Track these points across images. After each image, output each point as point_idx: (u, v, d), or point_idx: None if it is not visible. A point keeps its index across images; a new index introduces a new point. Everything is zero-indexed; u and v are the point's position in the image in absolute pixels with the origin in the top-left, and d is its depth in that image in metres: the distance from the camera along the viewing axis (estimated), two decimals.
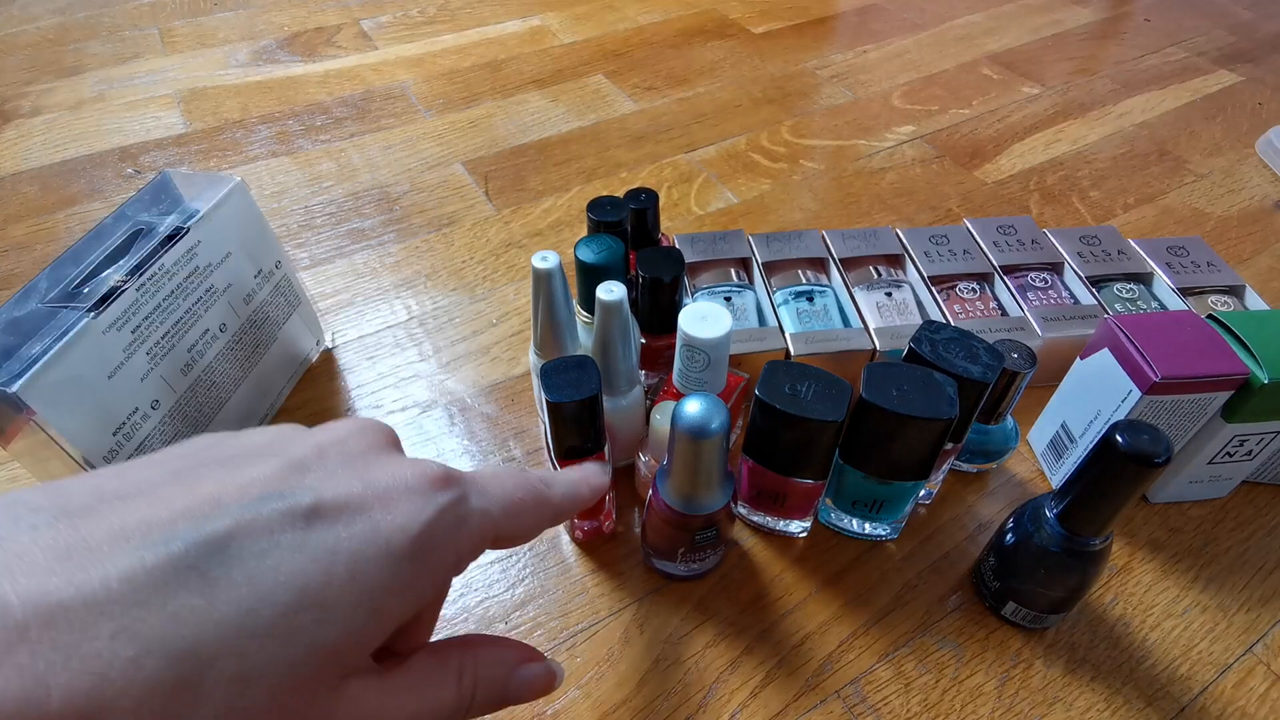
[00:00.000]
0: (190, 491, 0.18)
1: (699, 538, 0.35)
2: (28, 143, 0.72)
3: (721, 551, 0.38)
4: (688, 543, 0.36)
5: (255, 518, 0.18)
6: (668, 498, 0.34)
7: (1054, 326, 0.46)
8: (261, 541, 0.17)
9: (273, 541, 0.18)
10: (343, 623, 0.18)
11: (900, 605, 0.38)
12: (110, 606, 0.15)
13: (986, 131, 0.73)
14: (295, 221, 0.63)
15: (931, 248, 0.51)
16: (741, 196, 0.66)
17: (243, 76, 0.82)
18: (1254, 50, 0.86)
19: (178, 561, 0.16)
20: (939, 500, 0.43)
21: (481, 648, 0.24)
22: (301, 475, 0.19)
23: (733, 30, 0.90)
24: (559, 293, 0.37)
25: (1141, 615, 0.38)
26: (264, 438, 0.21)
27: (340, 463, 0.20)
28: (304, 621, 0.17)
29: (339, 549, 0.18)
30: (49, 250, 0.60)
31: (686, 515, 0.34)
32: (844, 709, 0.35)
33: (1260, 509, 0.42)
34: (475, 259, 0.59)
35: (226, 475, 0.19)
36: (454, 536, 0.21)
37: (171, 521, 0.17)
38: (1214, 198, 0.65)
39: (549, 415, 0.34)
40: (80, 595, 0.15)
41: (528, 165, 0.69)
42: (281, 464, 0.20)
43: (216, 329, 0.41)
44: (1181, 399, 0.36)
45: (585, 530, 0.40)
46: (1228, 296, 0.48)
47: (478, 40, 0.88)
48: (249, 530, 0.17)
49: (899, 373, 0.34)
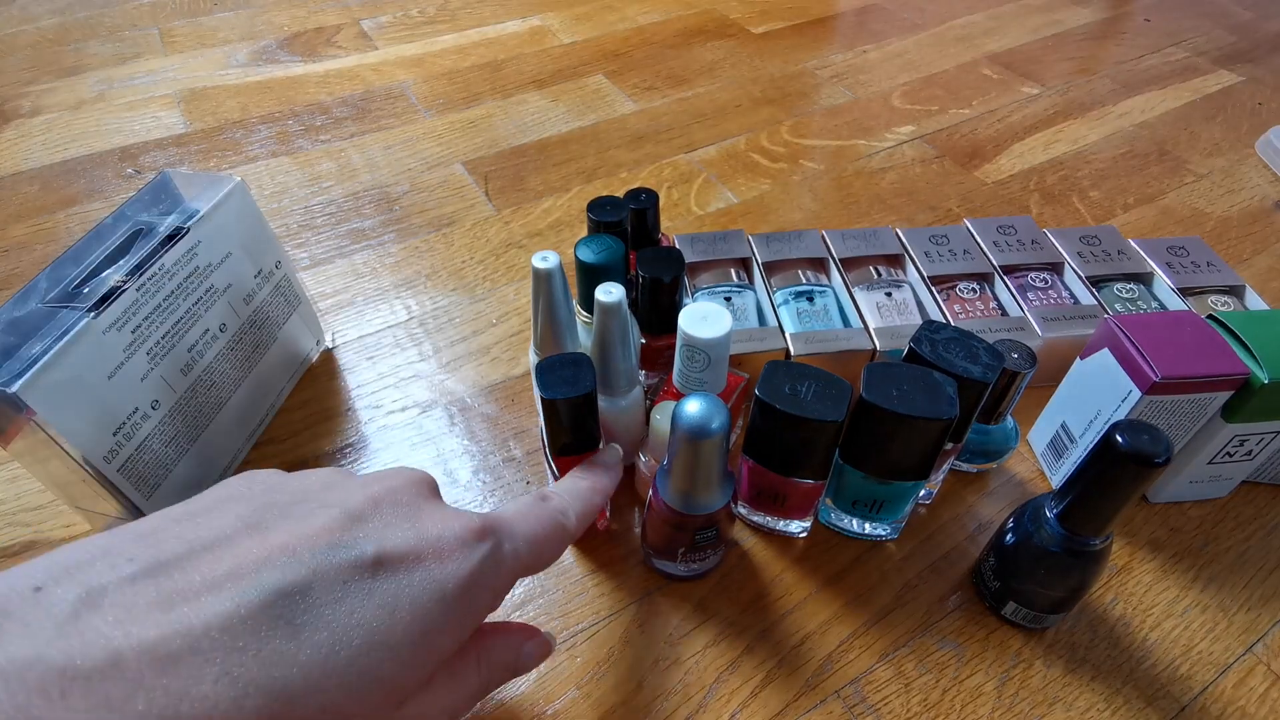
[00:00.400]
0: (265, 541, 0.20)
1: (699, 537, 0.35)
2: (28, 143, 0.72)
3: (722, 551, 0.38)
4: (688, 542, 0.36)
5: (328, 567, 0.20)
6: (668, 497, 0.34)
7: (1054, 326, 0.46)
8: (336, 590, 0.20)
9: (345, 589, 0.20)
10: (406, 661, 0.21)
11: (900, 605, 0.38)
12: (212, 653, 0.17)
13: (986, 131, 0.73)
14: (295, 221, 0.63)
15: (931, 248, 0.51)
16: (741, 196, 0.66)
17: (243, 76, 0.82)
18: (1254, 50, 0.86)
19: (266, 609, 0.19)
20: (939, 500, 0.43)
21: (491, 637, 0.28)
22: (362, 526, 0.22)
23: (732, 30, 0.90)
24: (559, 292, 0.37)
25: (1141, 615, 0.38)
26: (318, 483, 0.24)
27: (394, 514, 0.23)
28: (374, 661, 0.20)
29: (401, 596, 0.21)
30: (49, 250, 0.60)
31: (686, 515, 0.34)
32: (844, 709, 0.35)
33: (1260, 509, 0.42)
34: (475, 259, 0.59)
35: (294, 526, 0.21)
36: (493, 580, 0.24)
37: (255, 570, 0.19)
38: (1214, 198, 0.65)
39: (543, 412, 0.34)
40: (186, 644, 0.17)
41: (528, 165, 0.69)
42: (342, 515, 0.22)
43: (216, 329, 0.41)
44: (1181, 399, 0.36)
45: None
46: (1228, 296, 0.48)
47: (478, 40, 0.88)
48: (323, 579, 0.20)
49: (899, 373, 0.34)
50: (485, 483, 0.44)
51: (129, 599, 0.18)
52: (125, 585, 0.18)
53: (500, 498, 0.43)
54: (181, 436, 0.39)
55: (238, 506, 0.22)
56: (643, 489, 0.41)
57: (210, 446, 0.41)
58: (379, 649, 0.20)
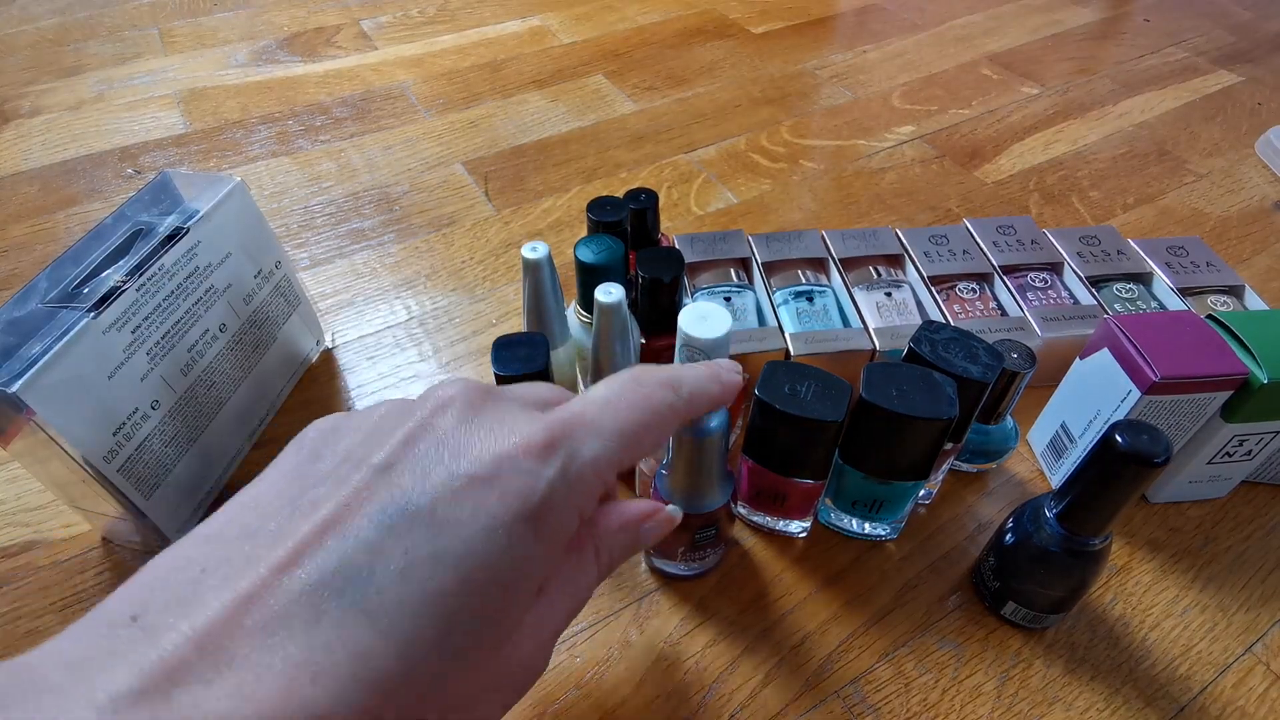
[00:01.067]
0: (309, 519, 0.19)
1: (699, 536, 0.36)
2: (28, 143, 0.72)
3: (721, 550, 0.38)
4: (688, 542, 0.36)
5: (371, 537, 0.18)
6: (668, 496, 0.34)
7: (1053, 326, 0.46)
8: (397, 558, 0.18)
9: (407, 560, 0.18)
10: (486, 620, 0.20)
11: (900, 605, 0.38)
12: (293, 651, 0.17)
13: (986, 131, 0.73)
14: (295, 221, 0.63)
15: (931, 248, 0.51)
16: (741, 196, 0.66)
17: (243, 77, 0.82)
18: (1254, 50, 0.86)
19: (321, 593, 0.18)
20: (939, 500, 0.43)
21: (606, 523, 0.25)
22: (394, 476, 0.20)
23: (732, 30, 0.90)
24: (546, 282, 0.38)
25: (1141, 615, 0.38)
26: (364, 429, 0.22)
27: (433, 452, 0.20)
28: (458, 626, 0.19)
29: (468, 553, 0.19)
30: (49, 250, 0.60)
31: (686, 514, 0.34)
32: (844, 709, 0.35)
33: (1260, 509, 0.42)
34: (475, 259, 0.59)
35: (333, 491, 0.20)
36: (572, 498, 0.21)
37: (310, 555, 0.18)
38: (1213, 198, 0.65)
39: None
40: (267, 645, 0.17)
41: (527, 165, 0.69)
42: (371, 472, 0.20)
43: (216, 329, 0.41)
44: (1181, 399, 0.36)
45: None
46: (1227, 296, 0.48)
47: (477, 40, 0.88)
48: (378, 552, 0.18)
49: (898, 373, 0.34)
50: None
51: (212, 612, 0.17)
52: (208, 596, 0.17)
53: None
54: (181, 436, 0.39)
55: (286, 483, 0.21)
56: (643, 489, 0.41)
57: (210, 446, 0.41)
58: (459, 613, 0.19)
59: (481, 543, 0.19)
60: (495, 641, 0.20)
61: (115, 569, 0.39)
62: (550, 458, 0.21)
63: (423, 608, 0.18)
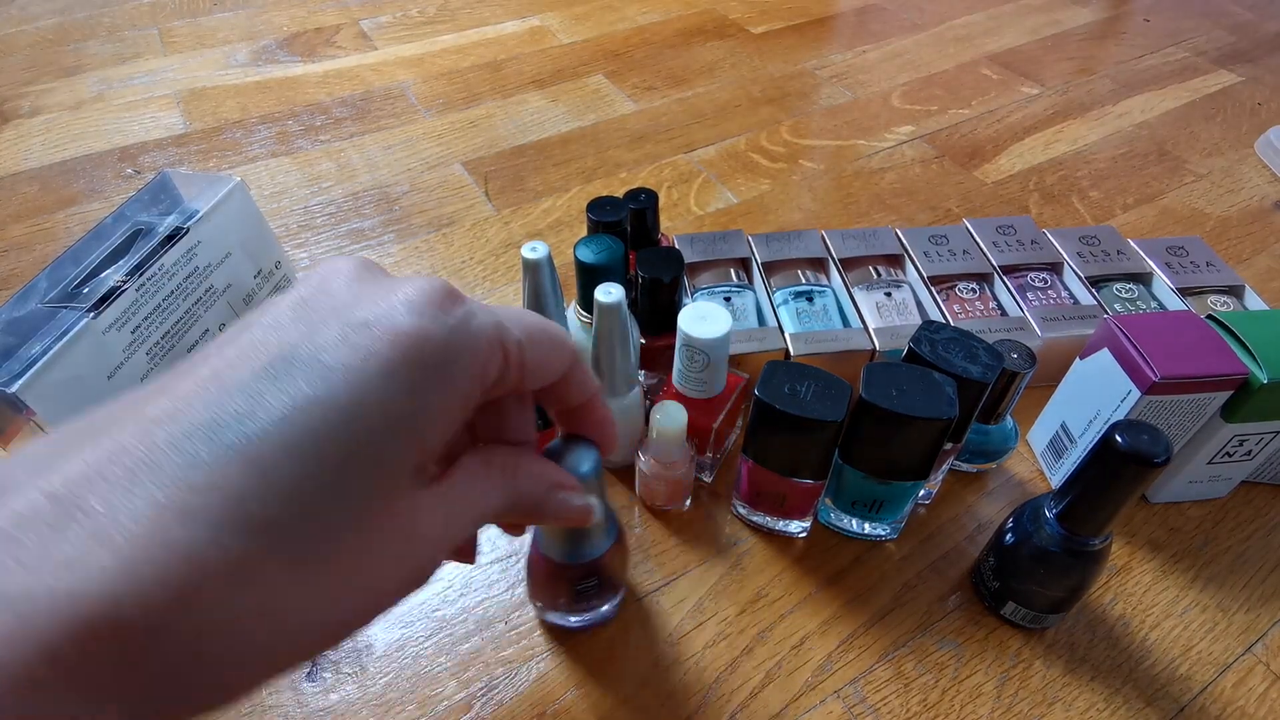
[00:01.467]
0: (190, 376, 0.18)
1: (580, 588, 0.34)
2: (28, 143, 0.72)
3: (616, 599, 0.36)
4: (568, 593, 0.34)
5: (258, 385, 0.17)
6: (544, 548, 0.32)
7: (1053, 326, 0.46)
8: (279, 403, 0.17)
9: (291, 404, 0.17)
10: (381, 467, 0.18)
11: (900, 605, 0.38)
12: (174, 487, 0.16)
13: (986, 131, 0.73)
14: (295, 221, 0.63)
15: (931, 248, 0.51)
16: (741, 196, 0.66)
17: (242, 77, 0.82)
18: (1253, 50, 0.86)
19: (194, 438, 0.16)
20: (938, 500, 0.43)
21: (522, 459, 0.24)
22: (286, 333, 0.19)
23: (732, 30, 0.90)
24: (546, 282, 0.37)
25: (1141, 615, 0.38)
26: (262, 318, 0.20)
27: (325, 305, 0.19)
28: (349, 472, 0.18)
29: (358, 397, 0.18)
30: (49, 250, 0.60)
31: (564, 565, 0.32)
32: (844, 709, 0.35)
33: (1259, 509, 0.42)
34: (475, 259, 0.59)
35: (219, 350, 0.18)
36: (472, 357, 0.20)
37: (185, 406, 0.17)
38: (1213, 198, 0.65)
39: None
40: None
41: (527, 165, 0.69)
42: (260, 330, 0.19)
43: (216, 329, 0.41)
44: (1181, 399, 0.36)
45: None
46: (1227, 296, 0.48)
47: (477, 40, 0.88)
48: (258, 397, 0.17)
49: (898, 373, 0.34)
50: None
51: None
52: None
53: None
54: None
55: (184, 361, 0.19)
56: (643, 489, 0.41)
57: None
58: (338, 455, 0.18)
59: (374, 387, 0.18)
60: (388, 493, 0.19)
61: None
62: (452, 309, 0.20)
63: (309, 450, 0.17)
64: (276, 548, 0.17)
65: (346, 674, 0.36)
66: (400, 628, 0.37)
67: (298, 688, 0.35)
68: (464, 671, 0.36)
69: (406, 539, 0.20)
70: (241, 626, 0.16)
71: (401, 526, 0.20)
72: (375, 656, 0.36)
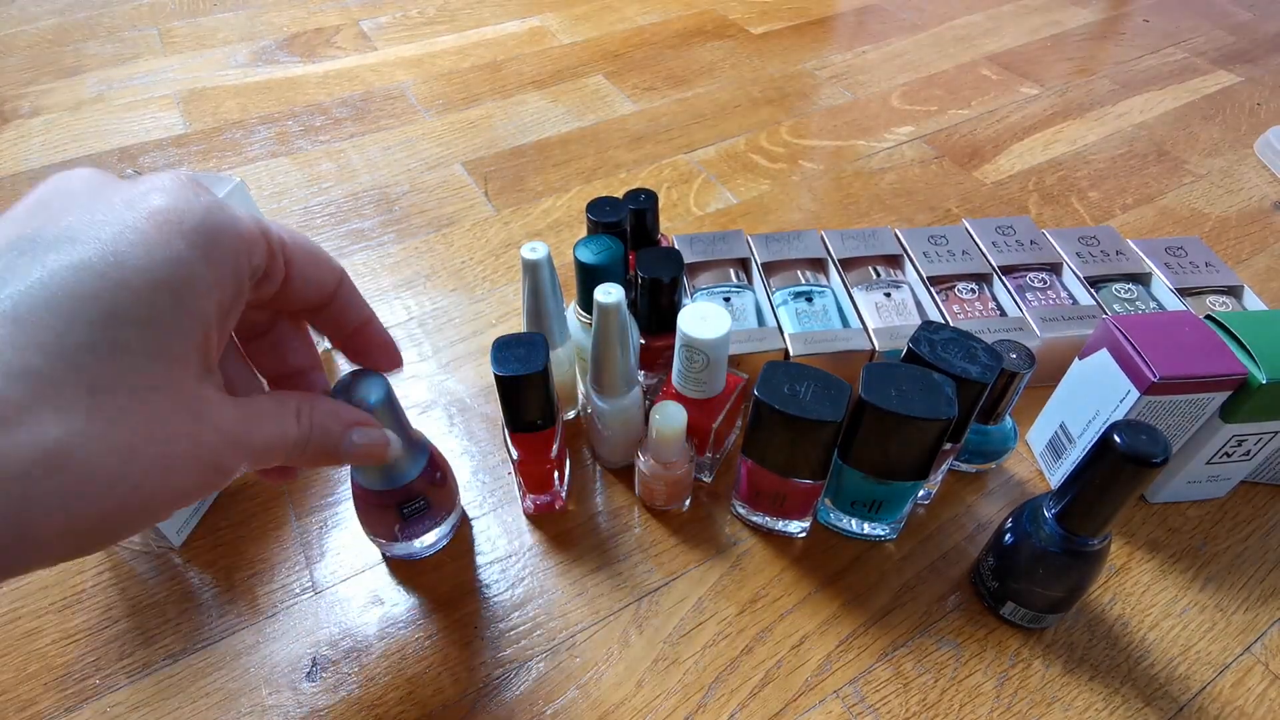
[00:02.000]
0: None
1: (406, 510, 0.35)
2: (28, 143, 0.72)
3: (451, 521, 0.38)
4: (398, 519, 0.36)
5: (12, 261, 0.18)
6: (362, 480, 0.34)
7: (1052, 327, 0.46)
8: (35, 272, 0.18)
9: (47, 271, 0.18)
10: (155, 328, 0.19)
11: (899, 605, 0.38)
12: None
13: (985, 132, 0.73)
14: (295, 222, 0.63)
15: (930, 248, 0.51)
16: (741, 197, 0.66)
17: (242, 77, 0.82)
18: (1253, 50, 0.87)
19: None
20: (938, 500, 0.43)
21: (319, 399, 0.26)
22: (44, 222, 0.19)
23: (732, 31, 0.90)
24: (546, 283, 0.38)
25: (1140, 615, 0.38)
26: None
27: (84, 194, 0.20)
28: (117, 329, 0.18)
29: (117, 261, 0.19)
30: None
31: (386, 490, 0.34)
32: (843, 709, 0.35)
33: (1258, 509, 0.42)
34: (475, 259, 0.59)
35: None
36: (232, 235, 0.21)
37: None
38: (1212, 198, 0.65)
39: (498, 389, 0.35)
40: None
41: (527, 166, 0.69)
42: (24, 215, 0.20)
43: None
44: (1180, 399, 0.37)
45: (537, 504, 0.42)
46: (1226, 297, 0.48)
47: (477, 41, 0.88)
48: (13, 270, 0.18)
49: (898, 373, 0.34)
50: (485, 483, 0.44)
51: None
52: None
53: (500, 497, 0.43)
54: None
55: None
56: (643, 489, 0.42)
57: None
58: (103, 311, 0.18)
59: (135, 255, 0.19)
60: (168, 363, 0.20)
61: (114, 569, 0.40)
62: (202, 193, 0.21)
63: (73, 309, 0.18)
64: (44, 395, 0.17)
65: (346, 674, 0.36)
66: (400, 628, 0.37)
67: (297, 688, 0.35)
68: (464, 672, 0.36)
69: (195, 419, 0.20)
70: (18, 465, 0.17)
71: (188, 404, 0.20)
72: (375, 657, 0.36)
